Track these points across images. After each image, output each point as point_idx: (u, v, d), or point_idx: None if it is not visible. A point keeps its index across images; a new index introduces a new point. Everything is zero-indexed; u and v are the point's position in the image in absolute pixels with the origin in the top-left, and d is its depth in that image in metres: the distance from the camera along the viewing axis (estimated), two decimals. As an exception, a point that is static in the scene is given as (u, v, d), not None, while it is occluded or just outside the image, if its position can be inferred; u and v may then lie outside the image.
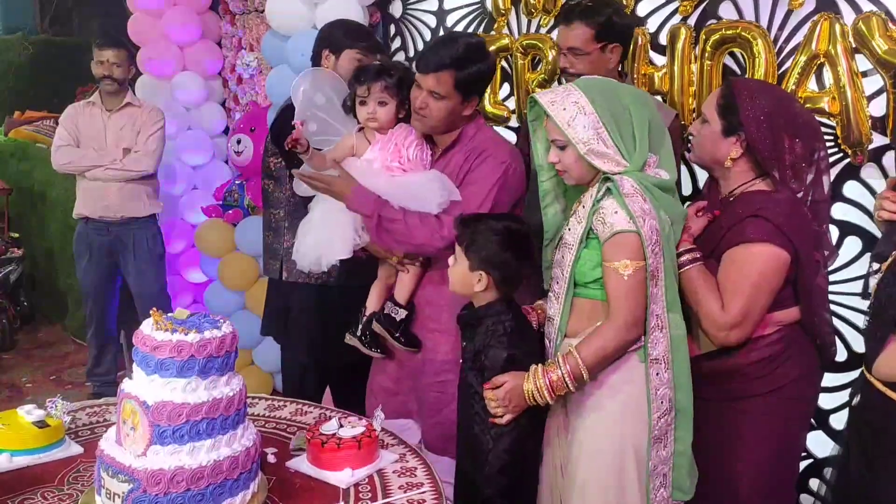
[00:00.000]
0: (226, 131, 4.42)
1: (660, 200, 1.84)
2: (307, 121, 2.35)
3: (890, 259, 1.69)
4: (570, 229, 1.93)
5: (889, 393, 1.65)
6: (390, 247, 2.25)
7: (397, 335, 2.31)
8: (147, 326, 1.64)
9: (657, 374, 1.85)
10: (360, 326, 2.39)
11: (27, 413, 1.96)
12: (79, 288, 4.04)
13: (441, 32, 3.48)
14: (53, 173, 3.98)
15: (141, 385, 1.60)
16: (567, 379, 1.84)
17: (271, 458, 1.93)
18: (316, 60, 2.84)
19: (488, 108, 3.27)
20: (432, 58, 2.17)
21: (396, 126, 2.29)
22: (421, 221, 2.17)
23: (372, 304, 2.40)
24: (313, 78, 2.45)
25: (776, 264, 1.87)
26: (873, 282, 1.72)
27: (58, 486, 1.79)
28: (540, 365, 1.89)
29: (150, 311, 1.67)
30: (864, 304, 2.28)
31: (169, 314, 1.69)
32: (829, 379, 2.23)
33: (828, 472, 2.46)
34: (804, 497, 2.45)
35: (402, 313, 2.32)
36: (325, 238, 2.27)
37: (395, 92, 2.26)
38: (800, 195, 1.95)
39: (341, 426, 1.94)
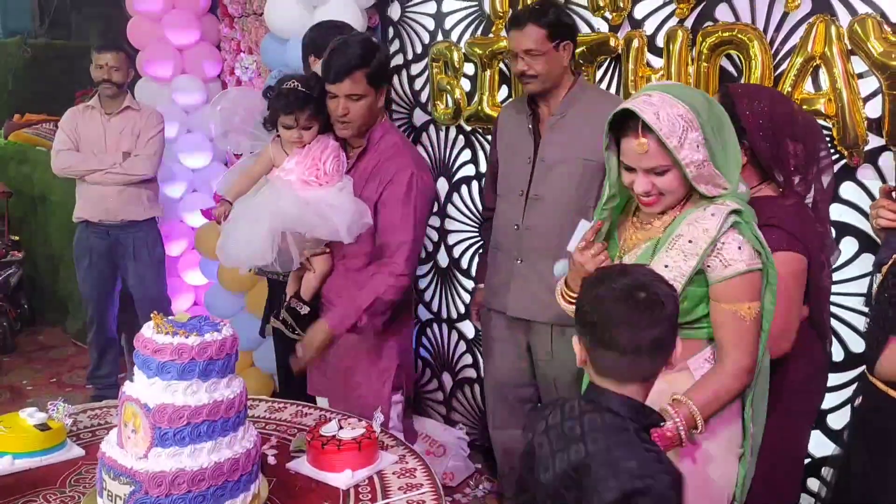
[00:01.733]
0: (225, 134, 4.43)
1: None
2: (231, 136, 2.52)
3: (889, 262, 1.70)
4: (667, 266, 1.63)
5: (891, 393, 1.66)
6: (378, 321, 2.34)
7: (296, 331, 2.39)
8: (148, 329, 1.65)
9: (752, 415, 1.72)
10: (283, 311, 2.45)
11: (29, 416, 1.97)
12: (79, 291, 4.04)
13: (439, 35, 3.49)
14: (53, 176, 3.99)
15: (142, 388, 1.61)
16: (681, 429, 1.57)
17: (272, 460, 1.95)
18: (305, 66, 2.89)
19: (486, 109, 3.28)
20: (340, 65, 2.26)
21: (314, 140, 2.34)
22: (378, 281, 2.30)
23: (290, 290, 2.50)
24: (227, 98, 2.60)
25: (799, 269, 1.87)
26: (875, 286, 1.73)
27: (59, 488, 1.80)
28: None
29: (151, 314, 1.68)
30: (860, 304, 2.32)
31: (170, 317, 1.70)
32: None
33: (825, 471, 2.48)
34: (802, 497, 2.45)
35: (305, 309, 2.42)
36: (247, 240, 2.30)
37: (319, 113, 2.32)
38: (809, 197, 1.96)
39: (341, 428, 1.95)
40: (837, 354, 2.37)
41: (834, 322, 2.31)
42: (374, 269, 2.34)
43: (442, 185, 3.58)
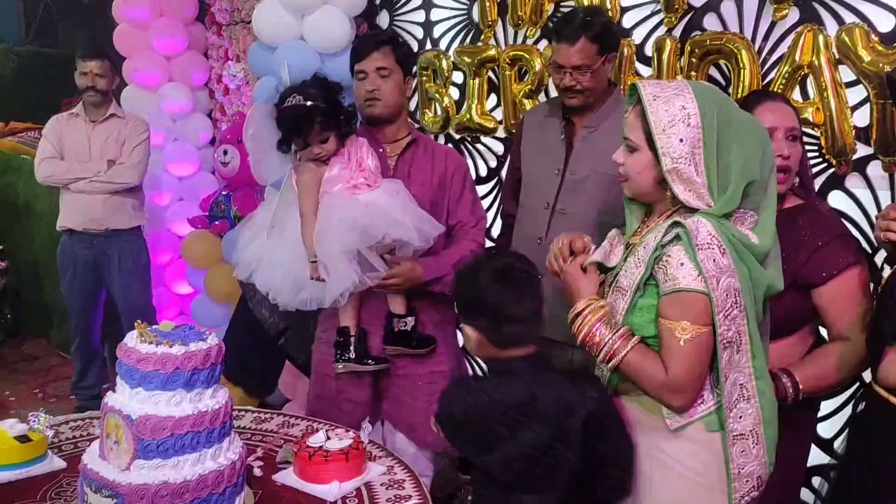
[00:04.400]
0: (212, 142, 4.41)
1: (742, 256, 1.53)
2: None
3: (890, 272, 1.69)
4: (625, 272, 1.63)
5: (893, 399, 1.65)
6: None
7: (414, 344, 2.30)
8: (131, 339, 1.62)
9: (743, 451, 1.57)
10: (352, 349, 2.29)
11: (9, 427, 1.93)
12: (63, 301, 4.00)
13: (428, 44, 3.49)
14: (38, 185, 3.95)
15: (125, 398, 1.58)
16: (605, 350, 1.60)
17: (258, 472, 1.91)
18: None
19: (475, 118, 3.28)
20: (369, 39, 2.35)
21: (347, 141, 2.25)
22: (464, 245, 2.34)
23: (352, 324, 2.31)
24: (255, 120, 2.52)
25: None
26: None
27: (40, 501, 1.76)
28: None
29: (135, 324, 1.65)
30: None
31: (153, 326, 1.67)
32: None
33: (816, 481, 2.47)
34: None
35: (411, 321, 2.30)
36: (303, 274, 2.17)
37: (333, 123, 2.19)
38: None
39: (328, 438, 1.92)
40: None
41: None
42: (455, 240, 2.37)
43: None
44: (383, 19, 3.68)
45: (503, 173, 3.19)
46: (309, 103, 2.15)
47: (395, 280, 2.23)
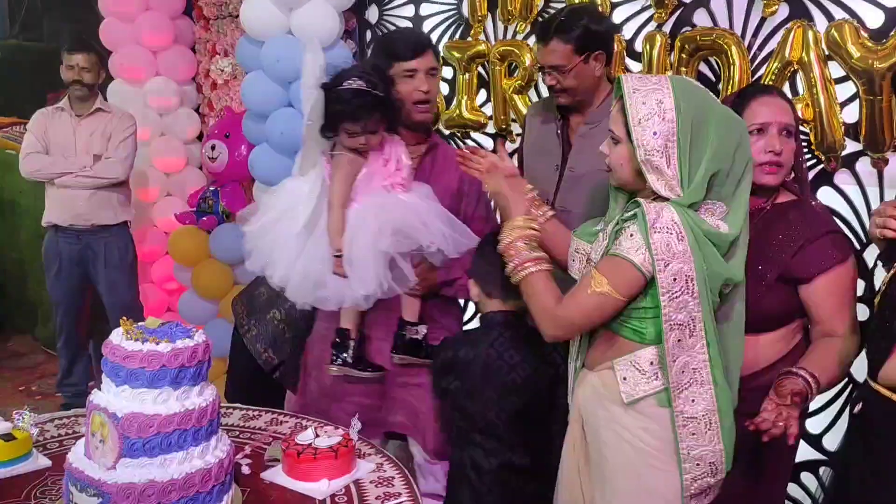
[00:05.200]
0: (200, 137, 4.38)
1: (703, 247, 1.58)
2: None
3: (893, 270, 1.69)
4: (595, 248, 1.75)
5: (894, 397, 1.65)
6: None
7: (423, 354, 2.22)
8: (117, 336, 1.60)
9: (693, 433, 1.63)
10: (351, 352, 2.23)
11: (-7, 426, 1.91)
12: (49, 297, 3.96)
13: (417, 38, 3.47)
14: (24, 181, 3.90)
15: (110, 396, 1.56)
16: (515, 262, 1.75)
17: (246, 470, 1.90)
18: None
19: (465, 113, 3.27)
20: (419, 37, 2.30)
21: (386, 139, 2.17)
22: None
23: (353, 327, 2.24)
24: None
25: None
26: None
27: (24, 500, 1.74)
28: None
29: (121, 321, 1.63)
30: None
31: (140, 323, 1.65)
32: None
33: (805, 476, 2.48)
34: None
35: (423, 329, 2.23)
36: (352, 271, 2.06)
37: (387, 116, 2.12)
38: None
39: (317, 436, 1.91)
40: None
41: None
42: None
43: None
44: (372, 14, 3.66)
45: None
46: (373, 91, 2.06)
47: (418, 287, 2.19)
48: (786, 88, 2.36)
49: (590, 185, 2.27)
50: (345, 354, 2.22)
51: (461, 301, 2.58)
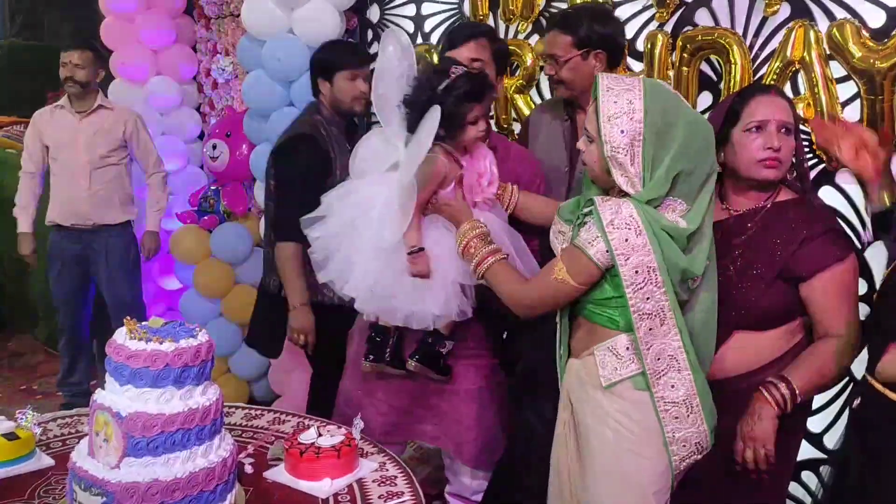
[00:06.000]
0: (201, 136, 4.38)
1: (660, 240, 1.64)
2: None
3: (891, 267, 1.70)
4: (562, 240, 1.84)
5: (890, 394, 1.65)
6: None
7: (439, 369, 2.18)
8: (120, 335, 1.60)
9: (676, 417, 1.70)
10: (389, 351, 2.19)
11: (-4, 425, 1.91)
12: (50, 296, 3.96)
13: (419, 38, 3.47)
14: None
15: (114, 396, 1.56)
16: (476, 260, 1.88)
17: (249, 469, 1.90)
18: (315, 92, 2.83)
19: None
20: (465, 31, 2.27)
21: (480, 147, 2.05)
22: None
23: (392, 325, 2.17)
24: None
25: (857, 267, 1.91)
26: None
27: (28, 499, 1.74)
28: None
29: (124, 320, 1.64)
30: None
31: (143, 323, 1.65)
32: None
33: (805, 475, 2.49)
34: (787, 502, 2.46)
35: (450, 345, 2.18)
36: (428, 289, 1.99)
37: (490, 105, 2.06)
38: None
39: (320, 435, 1.91)
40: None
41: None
42: None
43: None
44: (374, 13, 3.66)
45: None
46: (481, 72, 2.01)
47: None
48: (787, 88, 2.36)
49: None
50: (383, 354, 2.18)
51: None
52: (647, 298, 1.66)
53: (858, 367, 1.84)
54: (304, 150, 2.65)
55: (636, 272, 1.64)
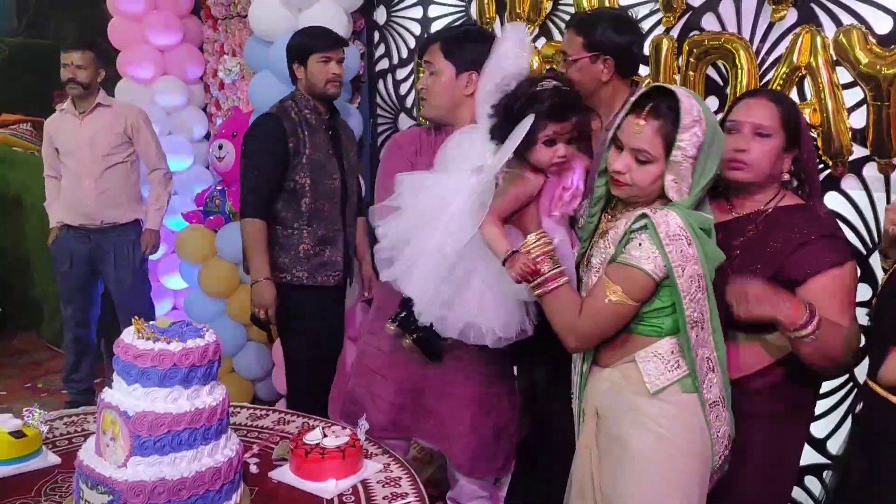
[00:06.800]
0: (207, 137, 4.39)
1: (703, 243, 1.66)
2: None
3: (890, 271, 1.70)
4: (598, 251, 1.79)
5: (892, 398, 1.65)
6: None
7: (415, 337, 2.13)
8: (128, 335, 1.61)
9: (717, 416, 1.73)
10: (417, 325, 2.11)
11: (3, 423, 1.92)
12: (55, 294, 3.97)
13: (425, 40, 3.48)
14: (29, 177, 3.93)
15: (121, 395, 1.57)
16: (540, 280, 1.74)
17: (254, 469, 1.91)
18: (293, 79, 2.91)
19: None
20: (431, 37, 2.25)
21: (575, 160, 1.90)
22: None
23: None
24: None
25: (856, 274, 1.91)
26: None
27: (35, 497, 1.75)
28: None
29: (132, 320, 1.65)
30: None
31: (151, 322, 1.66)
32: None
33: (809, 480, 2.49)
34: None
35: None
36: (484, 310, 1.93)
37: (583, 125, 1.87)
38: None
39: (325, 436, 1.92)
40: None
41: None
42: None
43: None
44: (380, 15, 3.67)
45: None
46: (572, 90, 1.87)
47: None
48: (794, 93, 2.36)
49: None
50: (409, 323, 2.11)
51: None
52: (697, 306, 1.67)
53: (861, 371, 1.85)
54: (265, 130, 2.79)
55: (691, 281, 1.64)
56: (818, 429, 2.44)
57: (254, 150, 2.81)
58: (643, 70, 2.73)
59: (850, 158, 2.29)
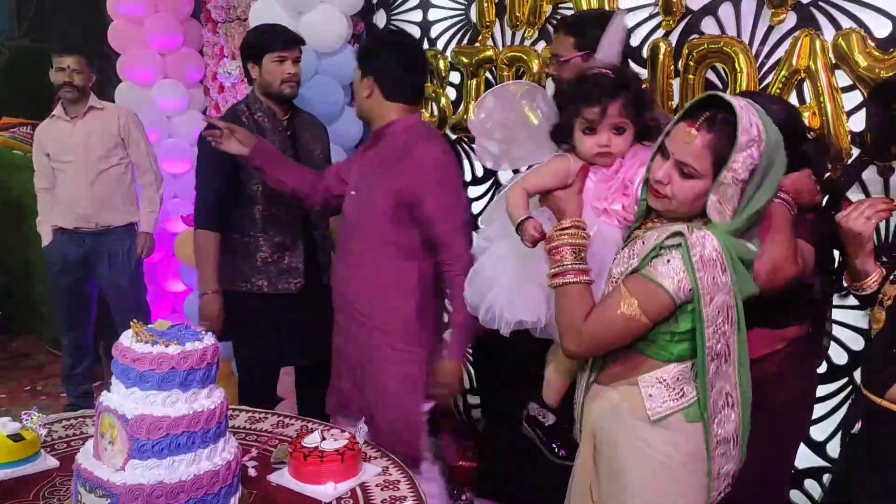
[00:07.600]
0: (206, 140, 4.38)
1: (737, 270, 1.53)
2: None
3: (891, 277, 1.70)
4: (619, 261, 1.66)
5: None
6: None
7: (546, 441, 2.09)
8: (126, 338, 1.61)
9: (723, 453, 1.62)
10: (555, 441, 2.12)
11: (2, 426, 1.91)
12: (53, 298, 3.97)
13: (425, 43, 3.48)
14: (30, 180, 3.91)
15: (120, 398, 1.57)
16: (560, 269, 1.64)
17: (252, 472, 1.91)
18: (248, 79, 2.87)
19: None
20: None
21: (627, 154, 1.76)
22: (457, 285, 2.15)
23: (555, 402, 1.97)
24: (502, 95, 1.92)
25: (790, 217, 1.87)
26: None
27: (33, 500, 1.75)
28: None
29: (131, 323, 1.64)
30: (842, 317, 2.32)
31: (149, 325, 1.66)
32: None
33: (808, 483, 2.48)
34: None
35: (552, 418, 2.07)
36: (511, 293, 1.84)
37: (635, 113, 1.73)
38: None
39: (324, 439, 1.91)
40: (821, 366, 2.37)
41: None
42: (445, 268, 2.26)
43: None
44: (380, 18, 3.68)
45: (500, 175, 3.19)
46: (619, 75, 1.74)
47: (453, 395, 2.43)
48: (793, 97, 2.37)
49: None
50: (552, 440, 2.09)
51: None
52: (721, 338, 1.55)
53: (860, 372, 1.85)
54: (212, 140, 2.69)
55: (718, 312, 1.53)
56: (817, 432, 2.44)
57: (202, 160, 2.78)
58: (641, 74, 2.73)
59: (849, 161, 2.29)
